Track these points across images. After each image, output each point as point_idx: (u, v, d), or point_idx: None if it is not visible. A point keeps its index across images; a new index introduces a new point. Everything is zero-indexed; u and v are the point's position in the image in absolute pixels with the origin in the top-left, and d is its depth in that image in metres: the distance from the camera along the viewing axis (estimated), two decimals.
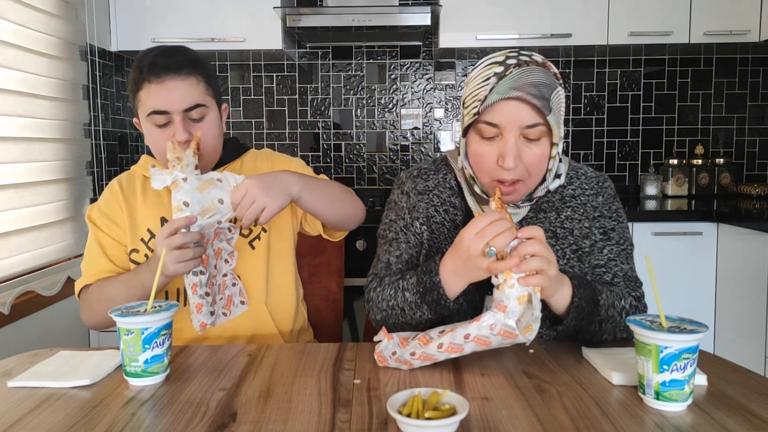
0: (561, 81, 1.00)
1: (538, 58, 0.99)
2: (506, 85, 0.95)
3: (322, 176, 1.35)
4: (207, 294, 1.14)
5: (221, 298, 1.21)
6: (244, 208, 1.09)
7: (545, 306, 0.99)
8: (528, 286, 0.87)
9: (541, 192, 1.05)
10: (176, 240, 1.06)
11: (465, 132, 1.04)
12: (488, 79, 0.97)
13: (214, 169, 1.30)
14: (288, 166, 1.36)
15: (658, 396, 0.78)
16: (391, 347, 0.93)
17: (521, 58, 0.98)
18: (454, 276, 0.96)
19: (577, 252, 1.09)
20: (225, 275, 1.22)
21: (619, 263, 1.10)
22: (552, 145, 1.00)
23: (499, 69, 0.97)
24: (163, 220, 1.27)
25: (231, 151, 1.36)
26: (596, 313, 0.97)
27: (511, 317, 0.86)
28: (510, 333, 0.86)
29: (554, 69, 1.00)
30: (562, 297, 0.95)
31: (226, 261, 1.22)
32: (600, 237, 1.10)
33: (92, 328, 1.28)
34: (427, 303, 0.99)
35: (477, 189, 1.07)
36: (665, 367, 0.77)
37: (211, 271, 1.17)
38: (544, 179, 1.03)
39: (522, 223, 1.10)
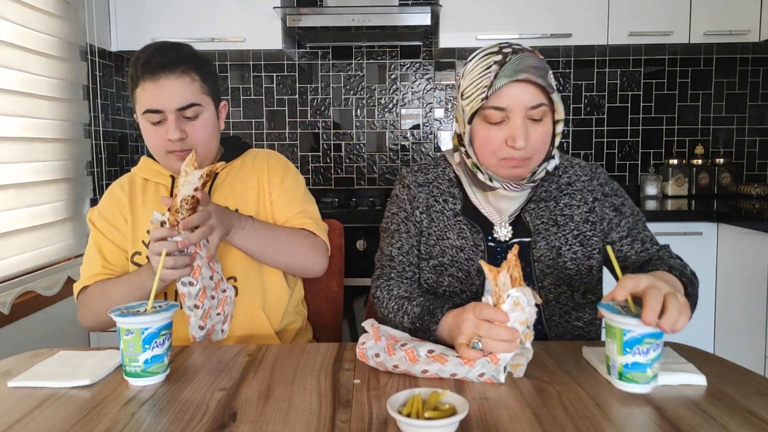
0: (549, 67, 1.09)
1: (527, 47, 1.08)
2: (511, 69, 1.01)
3: (307, 210, 1.32)
4: (196, 306, 1.14)
5: (219, 314, 1.19)
6: (200, 227, 1.08)
7: None
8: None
9: (541, 173, 1.10)
10: (165, 245, 1.05)
11: (471, 119, 1.08)
12: (489, 67, 1.03)
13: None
14: (285, 171, 1.35)
15: (621, 377, 0.83)
16: (375, 349, 0.93)
17: (514, 46, 1.06)
18: (446, 331, 0.99)
19: (578, 237, 1.13)
20: (225, 291, 1.21)
21: (641, 230, 1.16)
22: (555, 122, 1.07)
23: (498, 57, 1.04)
24: (163, 224, 1.26)
25: (232, 149, 1.36)
26: (697, 294, 1.02)
27: (502, 371, 0.86)
28: (495, 382, 0.87)
29: (541, 56, 1.08)
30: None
31: (221, 279, 1.21)
32: (613, 214, 1.16)
33: (90, 329, 1.27)
34: (417, 335, 1.03)
35: (481, 176, 1.11)
36: (628, 349, 0.81)
37: (206, 283, 1.16)
38: (547, 157, 1.10)
39: (522, 214, 1.13)
